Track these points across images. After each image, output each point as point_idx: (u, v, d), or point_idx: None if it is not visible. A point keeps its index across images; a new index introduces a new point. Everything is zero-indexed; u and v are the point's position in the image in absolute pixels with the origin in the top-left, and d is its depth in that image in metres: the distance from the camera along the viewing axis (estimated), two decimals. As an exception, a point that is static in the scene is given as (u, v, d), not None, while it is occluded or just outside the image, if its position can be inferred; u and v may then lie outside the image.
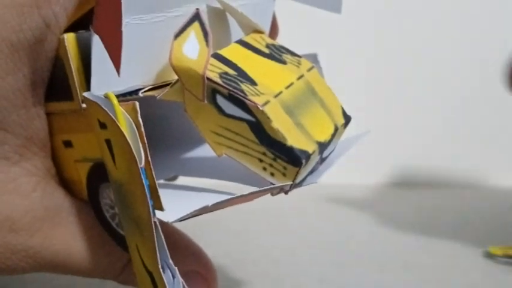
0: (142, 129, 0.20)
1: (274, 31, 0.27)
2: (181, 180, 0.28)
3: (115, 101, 0.20)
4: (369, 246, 0.39)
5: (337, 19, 0.27)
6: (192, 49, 0.21)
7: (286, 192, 0.23)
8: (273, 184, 0.22)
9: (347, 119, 0.25)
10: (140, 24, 0.21)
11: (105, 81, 0.21)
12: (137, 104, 0.20)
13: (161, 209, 0.21)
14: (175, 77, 0.22)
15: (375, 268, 0.35)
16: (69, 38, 0.22)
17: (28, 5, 0.22)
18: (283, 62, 0.24)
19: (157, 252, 0.20)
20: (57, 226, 0.24)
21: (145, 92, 0.22)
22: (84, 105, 0.22)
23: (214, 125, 0.22)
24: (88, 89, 0.21)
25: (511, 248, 0.35)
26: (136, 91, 0.22)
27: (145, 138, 0.20)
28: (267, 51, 0.24)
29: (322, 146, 0.22)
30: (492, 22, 0.50)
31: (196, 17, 0.22)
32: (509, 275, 0.34)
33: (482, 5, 0.50)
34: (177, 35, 0.21)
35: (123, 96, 0.21)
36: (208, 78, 0.21)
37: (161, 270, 0.20)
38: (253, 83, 0.22)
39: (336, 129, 0.24)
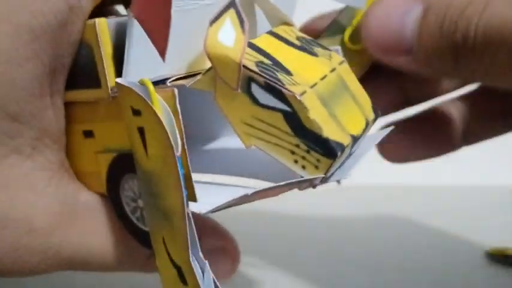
0: (180, 116, 0.20)
1: None
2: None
3: (151, 87, 0.19)
4: (368, 247, 0.39)
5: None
6: (227, 36, 0.21)
7: (314, 186, 0.22)
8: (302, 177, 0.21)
9: (376, 114, 0.24)
10: (174, 11, 0.20)
11: (137, 68, 0.21)
12: (176, 90, 0.19)
13: (194, 199, 0.20)
14: (206, 67, 0.21)
15: (374, 269, 0.35)
16: (101, 23, 0.21)
17: None
18: (315, 55, 0.24)
19: (189, 243, 0.20)
20: (75, 222, 0.23)
21: (173, 81, 0.21)
22: (112, 93, 0.21)
23: (245, 115, 0.21)
24: (117, 76, 0.21)
25: (511, 248, 0.35)
26: (163, 80, 0.21)
27: (182, 126, 0.20)
28: (298, 43, 0.24)
29: (355, 140, 0.22)
30: None
31: (232, 4, 0.21)
32: (509, 276, 0.34)
33: None
34: (213, 21, 0.21)
35: None
36: (244, 66, 0.20)
37: (192, 262, 0.20)
38: (288, 73, 0.21)
39: (367, 123, 0.23)
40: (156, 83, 0.21)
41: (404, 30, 0.23)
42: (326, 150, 0.21)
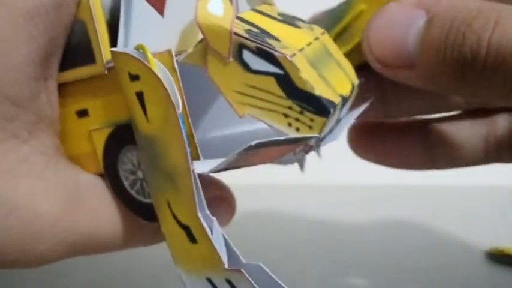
0: (179, 75, 0.20)
1: None
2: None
3: (148, 52, 0.20)
4: (368, 247, 0.39)
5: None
6: (217, 7, 0.21)
7: (307, 151, 0.23)
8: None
9: (360, 80, 0.25)
10: None
11: (131, 42, 0.21)
12: (172, 50, 0.20)
13: (198, 157, 0.21)
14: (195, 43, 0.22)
15: (374, 268, 0.35)
16: (94, 0, 0.22)
17: None
18: (298, 27, 0.24)
19: (196, 199, 0.20)
20: (81, 204, 0.22)
21: None
22: (108, 66, 0.22)
23: (238, 84, 0.21)
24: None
25: (511, 248, 0.35)
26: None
27: (181, 85, 0.20)
28: (280, 18, 0.24)
29: (344, 100, 0.23)
30: None
31: None
32: (509, 276, 0.34)
33: None
34: None
35: None
36: (235, 34, 0.21)
37: (201, 218, 0.20)
38: (277, 40, 0.22)
39: (353, 86, 0.24)
40: None
41: (406, 43, 0.23)
42: (319, 109, 0.21)
